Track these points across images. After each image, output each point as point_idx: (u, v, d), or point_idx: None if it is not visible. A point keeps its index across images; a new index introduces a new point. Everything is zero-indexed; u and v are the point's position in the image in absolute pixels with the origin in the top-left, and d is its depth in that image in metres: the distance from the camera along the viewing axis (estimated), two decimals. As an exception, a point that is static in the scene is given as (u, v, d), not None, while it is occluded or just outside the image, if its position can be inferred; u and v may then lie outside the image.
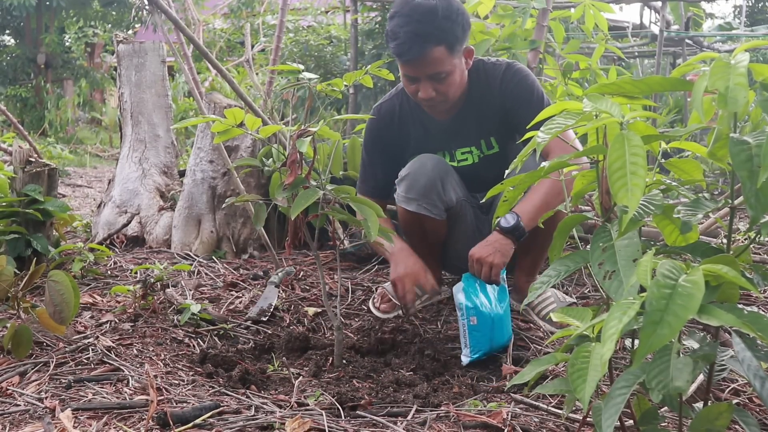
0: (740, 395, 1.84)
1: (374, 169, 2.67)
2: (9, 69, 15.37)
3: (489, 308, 2.20)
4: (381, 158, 2.65)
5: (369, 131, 2.68)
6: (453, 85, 2.40)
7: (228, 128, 2.01)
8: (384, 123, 2.63)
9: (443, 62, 2.32)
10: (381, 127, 2.64)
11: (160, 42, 4.26)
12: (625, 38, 9.20)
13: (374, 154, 2.67)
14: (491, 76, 2.49)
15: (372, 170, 2.67)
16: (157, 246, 3.67)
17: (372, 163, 2.67)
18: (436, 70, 2.33)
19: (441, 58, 2.31)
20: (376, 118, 2.64)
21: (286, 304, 2.72)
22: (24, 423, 1.68)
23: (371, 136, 2.67)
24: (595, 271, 1.19)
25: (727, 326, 1.06)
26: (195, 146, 3.70)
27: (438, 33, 2.27)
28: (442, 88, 2.38)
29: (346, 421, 1.70)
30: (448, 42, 2.30)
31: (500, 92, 2.48)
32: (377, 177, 2.66)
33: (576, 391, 1.10)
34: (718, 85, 1.10)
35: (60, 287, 2.14)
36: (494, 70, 2.50)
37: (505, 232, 2.26)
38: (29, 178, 2.97)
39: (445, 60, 2.32)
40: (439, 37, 2.28)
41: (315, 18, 8.77)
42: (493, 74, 2.49)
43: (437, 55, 2.30)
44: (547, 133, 1.23)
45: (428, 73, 2.34)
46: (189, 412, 1.69)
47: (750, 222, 1.16)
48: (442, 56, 2.31)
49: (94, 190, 6.93)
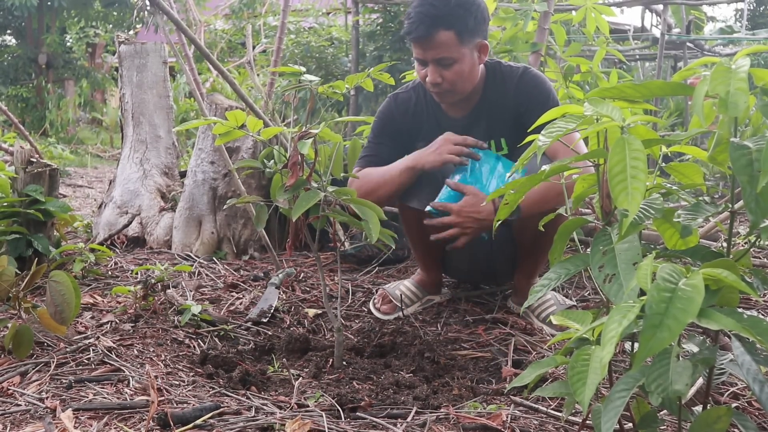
0: (739, 399, 1.84)
1: (379, 148, 2.60)
2: (10, 69, 15.37)
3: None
4: (389, 140, 2.60)
5: (381, 115, 2.64)
6: (461, 75, 2.38)
7: (229, 130, 2.01)
8: (399, 111, 2.61)
9: (450, 48, 2.32)
10: (394, 113, 2.61)
11: (162, 43, 4.27)
12: (627, 41, 9.21)
13: (382, 136, 2.62)
14: (507, 79, 2.49)
15: (377, 149, 2.60)
16: (158, 247, 3.67)
17: (379, 143, 2.61)
18: (442, 54, 2.33)
19: (448, 43, 2.31)
20: (391, 104, 2.62)
21: (286, 305, 2.73)
22: (25, 423, 1.69)
23: (383, 119, 2.64)
24: (595, 274, 1.20)
25: (727, 330, 1.07)
26: (196, 147, 3.71)
27: (448, 17, 2.28)
28: (449, 75, 2.37)
29: (346, 423, 1.70)
30: (457, 28, 2.30)
31: (515, 96, 2.47)
32: (381, 153, 2.58)
33: (576, 394, 1.11)
34: (719, 90, 1.10)
35: (61, 287, 2.14)
36: (511, 74, 2.49)
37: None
38: (30, 178, 2.98)
39: (453, 46, 2.32)
40: (449, 22, 2.29)
41: (316, 19, 8.78)
42: (510, 77, 2.49)
43: (444, 39, 2.30)
44: (548, 137, 1.24)
45: (435, 57, 2.34)
46: (189, 412, 1.69)
47: (750, 226, 1.16)
48: (449, 41, 2.31)
49: (95, 191, 6.94)
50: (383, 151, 2.58)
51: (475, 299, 2.80)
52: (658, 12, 7.35)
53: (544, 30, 3.83)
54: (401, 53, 6.19)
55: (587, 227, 3.34)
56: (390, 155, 2.54)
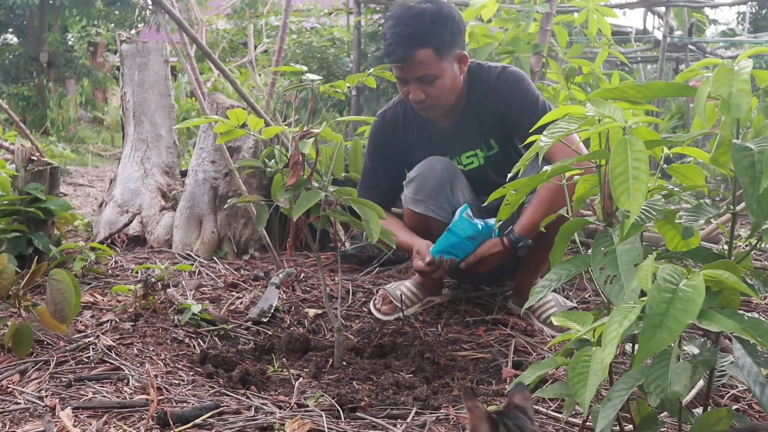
0: (740, 401, 1.83)
1: (377, 175, 2.66)
2: (11, 67, 15.36)
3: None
4: (385, 165, 2.65)
5: (373, 138, 2.69)
6: (444, 89, 2.41)
7: (231, 129, 2.01)
8: (388, 130, 2.63)
9: (430, 65, 2.34)
10: (385, 134, 2.64)
11: (163, 42, 4.27)
12: (628, 43, 9.19)
13: (377, 161, 2.67)
14: (486, 81, 2.51)
15: (375, 177, 2.67)
16: (158, 246, 3.67)
17: (375, 169, 2.67)
18: (422, 72, 2.35)
19: (427, 61, 2.33)
20: (380, 124, 2.65)
21: (286, 305, 2.73)
22: (24, 421, 1.69)
23: (375, 142, 2.68)
24: (596, 275, 1.19)
25: (728, 332, 1.07)
26: (197, 146, 3.71)
27: (425, 36, 2.30)
28: (432, 91, 2.39)
29: (346, 423, 1.70)
30: (435, 45, 2.32)
31: (494, 97, 2.49)
32: (381, 184, 2.66)
33: (576, 395, 1.11)
34: (721, 91, 1.10)
35: (61, 286, 2.14)
36: (489, 76, 2.51)
37: (511, 243, 2.38)
38: (31, 176, 2.97)
39: (432, 63, 2.34)
40: (425, 40, 2.31)
41: (318, 20, 8.78)
42: (488, 79, 2.51)
43: (423, 57, 2.32)
44: (550, 137, 1.24)
45: (416, 76, 2.36)
46: (189, 411, 1.69)
47: (752, 228, 1.16)
48: (428, 59, 2.33)
49: (96, 190, 6.94)
50: (381, 179, 2.66)
51: (475, 300, 2.79)
52: (660, 14, 7.34)
53: (546, 31, 3.82)
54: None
55: (588, 229, 3.34)
56: (389, 179, 2.65)
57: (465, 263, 2.40)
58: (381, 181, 2.65)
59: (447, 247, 2.38)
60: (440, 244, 2.39)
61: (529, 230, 2.34)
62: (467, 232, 2.37)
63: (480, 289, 2.87)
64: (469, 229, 2.37)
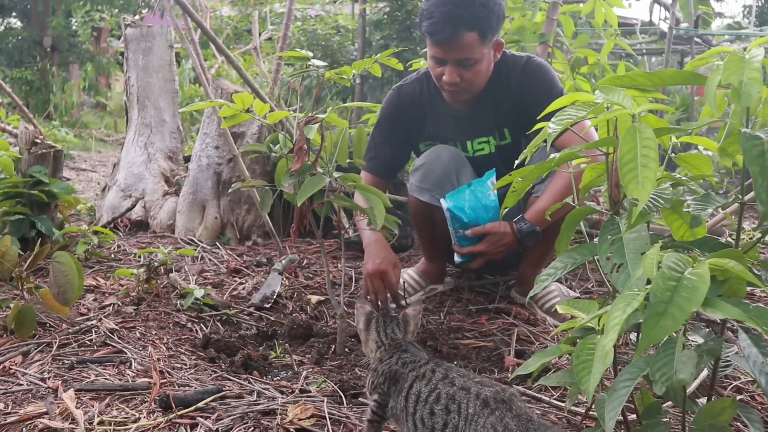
0: (742, 393, 1.83)
1: (384, 147, 2.62)
2: (15, 51, 15.32)
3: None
4: (393, 137, 2.62)
5: (386, 109, 2.64)
6: (479, 75, 2.38)
7: (236, 113, 2.00)
8: (403, 104, 2.60)
9: (473, 49, 2.30)
10: (399, 107, 2.61)
11: (168, 27, 4.25)
12: (634, 35, 9.15)
13: (387, 133, 2.63)
14: (511, 70, 2.47)
15: (382, 147, 2.62)
16: (161, 231, 3.67)
17: (383, 140, 2.63)
18: (464, 55, 2.31)
19: (472, 44, 2.29)
20: (396, 98, 2.62)
21: (289, 291, 2.73)
22: (26, 402, 1.69)
23: (388, 113, 2.64)
24: (603, 263, 1.19)
25: (733, 321, 1.06)
26: (201, 132, 3.70)
27: (473, 18, 2.26)
28: (468, 75, 2.36)
29: (348, 408, 1.70)
30: (481, 29, 2.28)
31: (518, 87, 2.46)
32: (386, 155, 2.61)
33: (581, 383, 1.10)
34: (732, 80, 1.09)
35: (64, 268, 2.14)
36: (514, 64, 2.48)
37: (520, 230, 2.36)
38: (35, 159, 2.97)
39: (476, 47, 2.30)
40: (473, 23, 2.26)
41: (323, 7, 8.74)
42: (513, 68, 2.47)
43: (468, 40, 2.28)
44: (558, 124, 1.22)
45: (457, 58, 2.32)
46: (191, 395, 1.69)
47: (760, 218, 1.15)
48: (473, 42, 2.29)
49: (98, 174, 6.93)
50: (387, 151, 2.62)
51: (478, 289, 2.79)
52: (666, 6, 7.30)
53: (552, 21, 3.80)
54: (408, 42, 6.15)
55: (591, 219, 3.33)
56: (394, 152, 2.63)
57: (472, 231, 2.37)
58: (386, 153, 2.61)
59: (463, 205, 2.36)
60: (458, 200, 2.37)
61: (541, 219, 2.31)
62: (487, 200, 2.36)
63: (483, 278, 2.87)
64: (488, 199, 2.36)
